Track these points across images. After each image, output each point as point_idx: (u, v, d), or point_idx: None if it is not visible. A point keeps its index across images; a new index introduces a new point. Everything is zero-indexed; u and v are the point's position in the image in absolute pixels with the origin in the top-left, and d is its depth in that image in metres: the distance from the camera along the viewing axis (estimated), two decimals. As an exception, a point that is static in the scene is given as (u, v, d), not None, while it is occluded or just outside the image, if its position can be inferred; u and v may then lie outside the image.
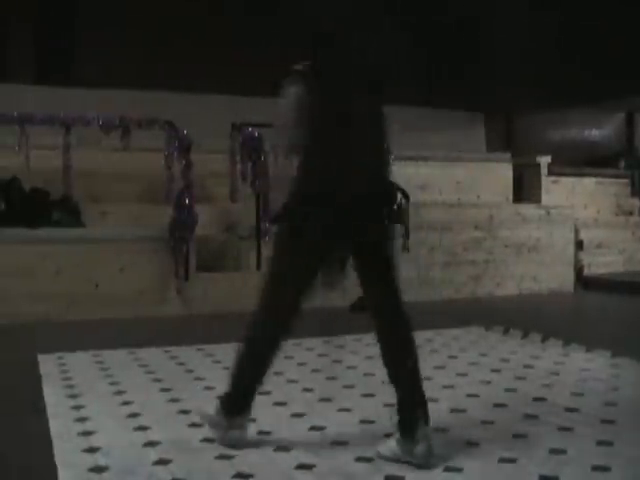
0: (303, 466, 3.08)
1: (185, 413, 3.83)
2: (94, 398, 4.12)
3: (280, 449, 3.28)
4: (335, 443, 3.36)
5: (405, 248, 8.38)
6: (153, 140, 7.91)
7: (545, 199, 10.46)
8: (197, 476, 2.99)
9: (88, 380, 4.55)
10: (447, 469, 3.03)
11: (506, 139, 12.43)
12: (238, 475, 2.98)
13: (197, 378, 4.62)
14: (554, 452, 3.23)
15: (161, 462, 3.13)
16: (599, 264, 9.98)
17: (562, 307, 8.48)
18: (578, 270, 9.63)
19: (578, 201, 10.58)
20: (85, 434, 3.49)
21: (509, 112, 12.40)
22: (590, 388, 4.35)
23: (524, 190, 10.75)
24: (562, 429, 3.56)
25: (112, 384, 4.45)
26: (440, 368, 4.88)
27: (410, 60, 11.49)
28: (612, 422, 3.67)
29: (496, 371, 4.81)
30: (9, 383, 4.58)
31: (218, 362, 5.01)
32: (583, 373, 4.74)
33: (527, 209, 9.43)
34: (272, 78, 3.20)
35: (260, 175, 7.73)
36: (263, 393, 4.10)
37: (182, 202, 7.25)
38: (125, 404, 4.01)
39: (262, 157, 7.72)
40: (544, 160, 10.72)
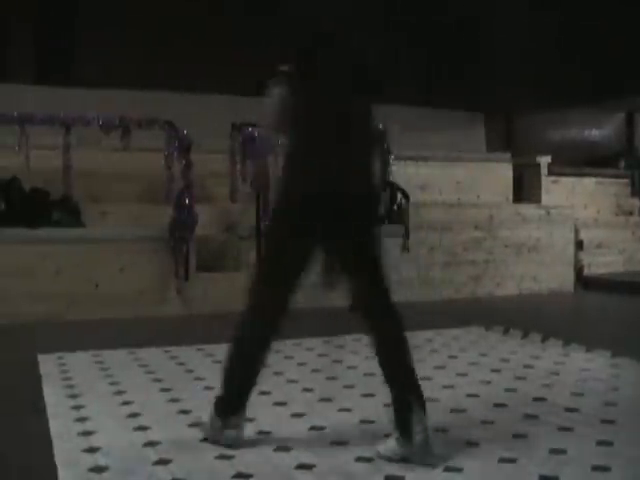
0: (303, 466, 3.08)
1: (185, 413, 3.84)
2: (94, 398, 4.12)
3: (280, 449, 3.27)
4: (335, 443, 3.36)
5: (405, 248, 8.41)
6: (153, 140, 7.91)
7: (545, 199, 10.47)
8: (197, 476, 2.99)
9: (88, 380, 4.55)
10: (447, 469, 3.03)
11: (506, 139, 12.43)
12: (238, 475, 2.98)
13: (197, 378, 4.62)
14: (554, 452, 3.23)
15: (161, 462, 3.13)
16: (599, 264, 9.98)
17: (562, 307, 8.48)
18: (578, 270, 9.63)
19: (578, 201, 10.58)
20: (85, 434, 3.49)
21: (509, 112, 12.40)
22: (590, 388, 4.35)
23: (524, 190, 10.75)
24: (562, 429, 3.56)
25: (112, 384, 4.46)
26: (440, 368, 4.88)
27: (410, 60, 11.49)
28: (612, 422, 3.67)
29: (496, 371, 4.81)
30: (9, 383, 4.58)
31: (218, 362, 4.98)
32: (583, 373, 4.74)
33: (527, 209, 9.43)
34: (271, 78, 3.21)
35: (260, 175, 7.74)
36: (263, 393, 4.11)
37: (182, 202, 7.25)
38: (125, 404, 4.01)
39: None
40: (544, 160, 10.72)
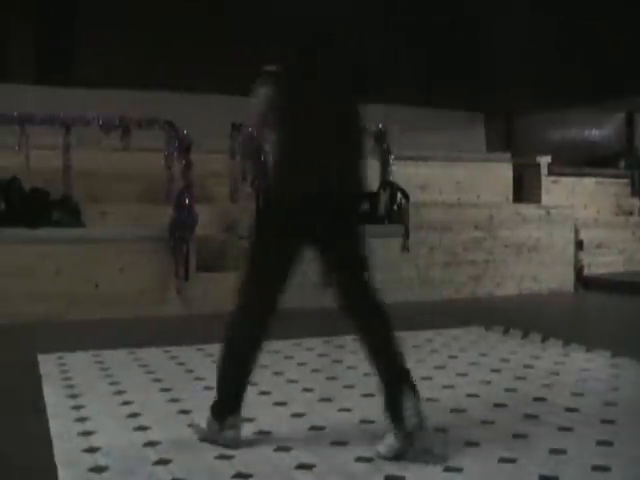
0: (303, 466, 3.08)
1: (185, 413, 3.83)
2: (94, 398, 4.12)
3: (280, 449, 3.27)
4: (335, 443, 3.35)
5: (405, 248, 8.41)
6: (153, 140, 7.91)
7: (545, 199, 10.46)
8: (197, 476, 2.99)
9: (88, 380, 4.55)
10: (447, 469, 3.03)
11: (506, 139, 12.43)
12: (238, 475, 2.98)
13: (197, 378, 4.62)
14: (554, 452, 3.23)
15: (161, 462, 3.13)
16: (599, 264, 9.97)
17: (562, 307, 8.47)
18: (578, 270, 9.62)
19: (578, 201, 10.58)
20: (85, 434, 3.49)
21: (509, 112, 12.40)
22: (590, 388, 4.35)
23: (524, 190, 10.75)
24: (562, 429, 3.56)
25: (112, 384, 4.45)
26: (440, 368, 4.88)
27: (410, 60, 11.49)
28: (612, 422, 3.67)
29: (496, 371, 4.81)
30: (9, 383, 4.59)
31: (218, 362, 5.01)
32: (583, 373, 4.74)
33: (527, 209, 9.43)
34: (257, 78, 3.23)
35: (260, 175, 7.74)
36: (263, 393, 4.12)
37: (182, 202, 7.25)
38: (125, 404, 4.01)
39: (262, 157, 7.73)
40: (544, 160, 10.71)
